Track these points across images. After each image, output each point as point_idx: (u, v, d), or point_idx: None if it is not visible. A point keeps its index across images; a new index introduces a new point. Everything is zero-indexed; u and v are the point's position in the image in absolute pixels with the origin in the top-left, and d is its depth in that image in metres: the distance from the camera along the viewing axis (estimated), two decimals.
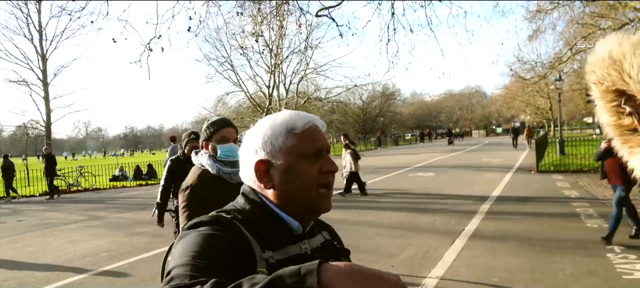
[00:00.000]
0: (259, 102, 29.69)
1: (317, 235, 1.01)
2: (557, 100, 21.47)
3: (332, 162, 0.95)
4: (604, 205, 8.10)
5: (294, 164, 0.92)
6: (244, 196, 0.97)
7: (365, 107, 55.45)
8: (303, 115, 0.96)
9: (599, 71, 0.84)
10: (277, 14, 10.87)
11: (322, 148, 0.95)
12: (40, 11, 26.64)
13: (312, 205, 0.94)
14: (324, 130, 1.00)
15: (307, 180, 0.92)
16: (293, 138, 0.92)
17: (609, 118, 0.86)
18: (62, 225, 9.50)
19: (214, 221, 0.86)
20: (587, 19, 17.19)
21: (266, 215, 0.93)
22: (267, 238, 0.89)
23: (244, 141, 0.99)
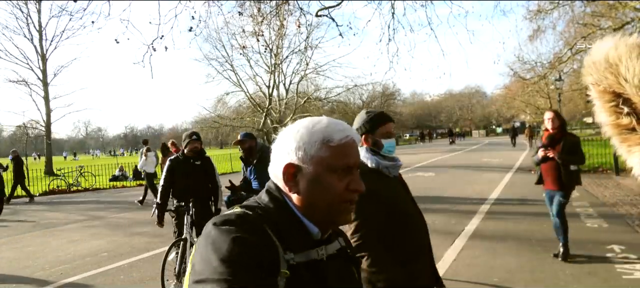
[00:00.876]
0: (259, 102, 29.67)
1: (334, 241, 1.01)
2: (557, 100, 21.49)
3: (360, 182, 0.95)
4: (604, 205, 8.11)
5: (322, 176, 0.92)
6: (269, 193, 0.97)
7: (366, 107, 55.41)
8: (341, 127, 0.96)
9: (596, 74, 0.84)
10: (278, 14, 10.87)
11: (353, 165, 0.95)
12: (40, 11, 26.68)
13: (332, 217, 0.95)
14: (359, 145, 1.00)
15: (332, 195, 0.92)
16: (327, 149, 0.92)
17: (607, 118, 0.87)
18: (62, 225, 9.50)
19: (241, 220, 0.85)
20: (588, 18, 17.19)
21: (288, 216, 0.94)
22: (288, 240, 0.89)
23: (279, 138, 0.99)
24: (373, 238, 1.87)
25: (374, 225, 1.89)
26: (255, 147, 5.05)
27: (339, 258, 0.99)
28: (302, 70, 30.83)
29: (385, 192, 1.99)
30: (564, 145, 4.87)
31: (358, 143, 0.97)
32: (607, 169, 13.13)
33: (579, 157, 4.98)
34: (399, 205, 2.04)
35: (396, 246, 1.92)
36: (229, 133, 30.24)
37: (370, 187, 1.98)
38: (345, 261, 1.02)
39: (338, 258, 0.98)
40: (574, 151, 4.90)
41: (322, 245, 0.94)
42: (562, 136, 4.94)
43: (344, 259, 1.02)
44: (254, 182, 5.08)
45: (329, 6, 9.83)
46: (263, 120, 27.00)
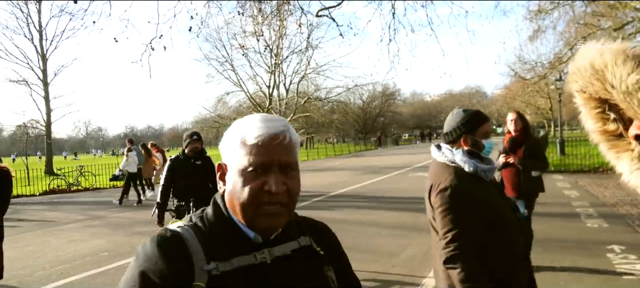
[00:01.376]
0: (259, 102, 29.68)
1: (291, 241, 0.96)
2: (557, 101, 21.48)
3: (278, 182, 0.87)
4: (604, 205, 8.11)
5: (238, 176, 0.89)
6: (213, 199, 0.97)
7: (366, 107, 55.47)
8: (261, 124, 0.90)
9: (582, 81, 0.83)
10: (278, 14, 10.88)
11: (268, 165, 0.88)
12: (40, 11, 26.68)
13: (251, 219, 0.90)
14: (292, 140, 0.92)
15: (246, 196, 0.88)
16: (243, 148, 0.89)
17: (593, 124, 0.86)
18: (62, 224, 9.51)
19: (160, 241, 0.87)
20: (588, 18, 17.19)
21: (223, 222, 0.92)
22: (217, 249, 0.88)
23: (222, 140, 0.99)
24: (469, 250, 1.74)
25: (472, 236, 1.76)
26: None
27: (296, 258, 0.95)
28: (302, 70, 30.85)
29: (484, 198, 1.86)
30: (526, 149, 4.56)
31: (284, 137, 0.90)
32: (607, 169, 13.12)
33: (541, 162, 4.66)
34: (498, 210, 1.90)
35: (494, 258, 1.79)
36: None
37: (470, 194, 1.85)
38: (307, 261, 0.97)
39: (294, 258, 0.94)
40: (536, 155, 4.60)
41: (263, 248, 0.91)
42: (524, 139, 4.63)
43: (306, 259, 0.97)
44: None
45: (329, 6, 9.83)
46: None
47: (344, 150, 42.05)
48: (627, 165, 0.86)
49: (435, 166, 2.08)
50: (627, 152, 0.85)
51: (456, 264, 1.73)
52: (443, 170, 1.99)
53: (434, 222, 1.98)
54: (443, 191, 1.89)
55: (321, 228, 1.10)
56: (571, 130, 56.51)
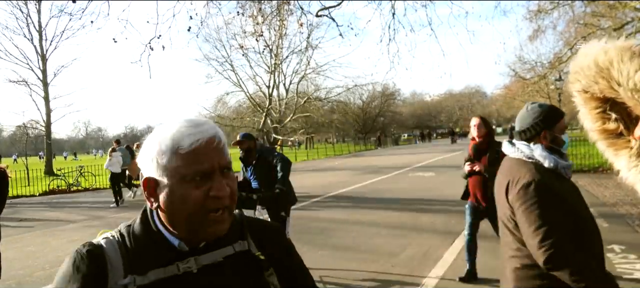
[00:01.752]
0: (259, 102, 29.69)
1: (224, 247, 0.92)
2: (557, 101, 21.48)
3: (222, 186, 0.85)
4: (604, 205, 8.10)
5: (177, 188, 0.84)
6: (142, 212, 0.93)
7: (365, 107, 55.47)
8: (194, 130, 0.85)
9: (585, 80, 0.82)
10: (278, 14, 10.88)
11: (210, 170, 0.85)
12: (40, 11, 26.69)
13: (197, 231, 0.87)
14: (223, 143, 0.89)
15: (190, 207, 0.84)
16: (177, 158, 0.84)
17: (593, 124, 0.86)
18: (62, 225, 9.50)
19: (74, 259, 0.85)
20: (588, 18, 17.20)
21: (148, 233, 0.89)
22: (138, 261, 0.85)
23: (141, 150, 0.91)
24: (568, 245, 1.61)
25: (564, 231, 1.64)
26: (254, 148, 5.05)
27: (229, 265, 0.91)
28: (302, 70, 30.86)
29: (566, 195, 1.77)
30: (490, 156, 4.35)
31: (219, 140, 0.88)
32: (607, 169, 13.13)
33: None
34: (579, 209, 1.80)
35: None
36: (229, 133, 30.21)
37: (553, 189, 1.73)
38: (243, 267, 0.93)
39: (226, 266, 0.90)
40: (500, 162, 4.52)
41: (188, 257, 0.87)
42: (488, 146, 4.41)
43: (241, 265, 0.93)
44: (253, 183, 5.08)
45: (329, 6, 9.84)
46: (263, 120, 27.02)
47: (344, 150, 42.06)
48: (626, 162, 0.86)
49: (510, 162, 1.97)
50: (626, 150, 0.84)
51: (560, 264, 1.60)
52: (520, 166, 1.87)
53: (507, 222, 1.88)
54: (526, 187, 1.75)
55: (265, 229, 1.04)
56: (571, 130, 56.50)
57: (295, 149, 44.20)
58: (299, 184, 10.39)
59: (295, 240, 5.12)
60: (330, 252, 5.86)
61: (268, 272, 0.95)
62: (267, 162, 4.93)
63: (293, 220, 5.30)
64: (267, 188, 4.85)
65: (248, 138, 5.11)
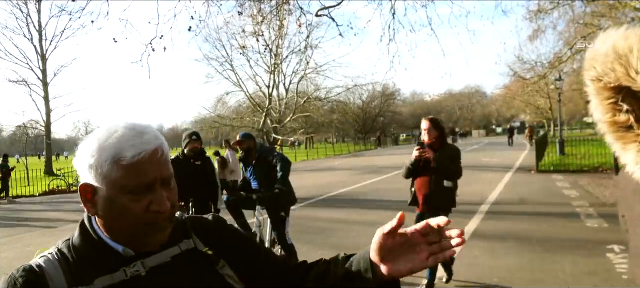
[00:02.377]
0: (259, 102, 29.69)
1: (170, 248, 0.90)
2: (557, 100, 21.49)
3: (163, 200, 0.83)
4: (604, 205, 8.10)
5: (116, 198, 0.81)
6: (80, 224, 0.90)
7: (365, 107, 55.48)
8: (137, 141, 0.81)
9: (601, 67, 0.80)
10: (278, 14, 10.88)
11: (152, 183, 0.82)
12: (40, 11, 26.69)
13: (139, 238, 0.85)
14: (168, 152, 0.87)
15: (130, 219, 0.82)
16: (118, 169, 0.80)
17: (603, 115, 0.84)
18: (62, 225, 9.51)
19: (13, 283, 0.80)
20: (588, 19, 17.21)
21: (89, 243, 0.86)
22: (83, 272, 0.83)
23: (78, 154, 0.86)
24: None
25: None
26: (254, 148, 5.06)
27: (178, 265, 0.89)
28: (302, 70, 30.86)
29: None
30: (441, 157, 4.12)
31: (162, 152, 0.85)
32: (607, 169, 13.13)
33: (455, 168, 4.14)
34: None
35: None
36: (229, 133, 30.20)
37: None
38: (193, 264, 0.91)
39: (175, 266, 0.89)
40: (452, 163, 4.15)
41: (134, 261, 0.85)
42: (440, 147, 4.17)
43: (191, 263, 0.91)
44: (253, 183, 5.08)
45: (329, 6, 9.84)
46: (263, 120, 27.01)
47: (344, 150, 42.06)
48: (634, 157, 0.84)
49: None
50: (635, 144, 0.83)
51: None
52: None
53: None
54: None
55: (207, 224, 1.02)
56: (571, 130, 56.50)
57: (295, 149, 44.21)
58: (299, 184, 10.38)
59: (295, 240, 5.12)
60: (330, 252, 5.84)
61: (220, 265, 0.93)
62: (267, 162, 4.93)
63: (293, 220, 5.29)
64: (267, 189, 4.86)
65: (248, 138, 5.11)
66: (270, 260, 1.03)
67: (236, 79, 29.03)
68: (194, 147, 4.95)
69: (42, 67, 27.17)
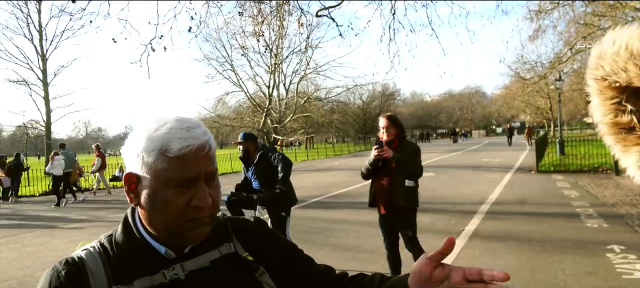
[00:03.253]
0: (259, 102, 29.70)
1: (210, 251, 0.90)
2: (557, 101, 21.48)
3: (205, 196, 0.82)
4: (604, 205, 8.10)
5: (159, 190, 0.81)
6: (124, 216, 0.90)
7: (365, 107, 55.50)
8: (185, 134, 0.81)
9: (610, 66, 0.78)
10: (278, 14, 10.87)
11: (196, 178, 0.82)
12: (40, 11, 26.68)
13: (178, 234, 0.84)
14: (214, 150, 0.87)
15: (169, 212, 0.81)
16: (164, 161, 0.80)
17: (605, 115, 0.83)
18: (63, 225, 9.51)
19: (52, 276, 0.82)
20: (588, 18, 17.21)
21: (131, 241, 0.86)
22: (122, 271, 0.82)
23: (127, 142, 0.86)
24: None
25: None
26: (255, 148, 5.06)
27: (217, 269, 0.88)
28: (302, 70, 30.88)
29: None
30: (401, 156, 3.94)
31: (209, 147, 0.84)
32: (607, 169, 13.13)
33: (415, 166, 3.97)
34: None
35: None
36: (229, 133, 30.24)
37: None
38: (231, 270, 0.90)
39: (214, 270, 0.88)
40: (412, 161, 3.99)
41: (173, 264, 0.84)
42: (399, 145, 4.01)
43: (229, 268, 0.90)
44: (254, 182, 5.09)
45: (329, 6, 9.83)
46: (263, 120, 27.03)
47: (344, 150, 42.05)
48: (635, 160, 0.82)
49: None
50: (636, 147, 0.81)
51: None
52: None
53: None
54: None
55: (248, 226, 1.01)
56: (571, 130, 56.49)
57: (295, 149, 44.19)
58: (299, 184, 10.38)
59: (295, 240, 5.12)
60: (330, 252, 5.86)
61: (259, 272, 0.93)
62: (268, 162, 4.93)
63: (293, 220, 5.30)
64: (268, 188, 4.86)
65: (249, 138, 5.11)
66: (310, 269, 1.02)
67: (236, 79, 29.07)
68: None
69: (42, 67, 27.17)
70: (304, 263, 1.02)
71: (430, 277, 0.82)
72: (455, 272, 0.80)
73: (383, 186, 4.00)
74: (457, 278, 0.80)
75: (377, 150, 3.85)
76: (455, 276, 0.80)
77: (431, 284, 0.82)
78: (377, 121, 4.28)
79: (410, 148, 4.09)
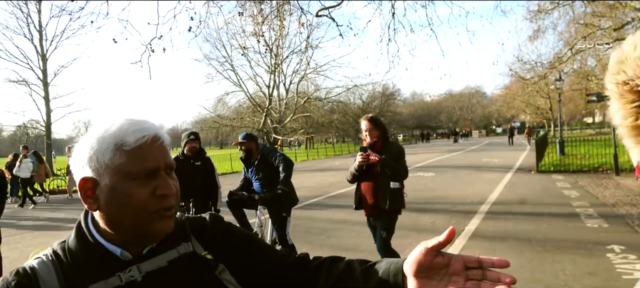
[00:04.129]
0: (259, 102, 29.70)
1: (168, 251, 0.88)
2: (557, 100, 21.48)
3: (168, 184, 0.83)
4: (604, 205, 8.11)
5: (120, 186, 0.80)
6: (76, 226, 0.88)
7: (365, 107, 55.45)
8: (138, 126, 0.82)
9: (632, 70, 0.79)
10: (278, 13, 10.88)
11: (156, 168, 0.82)
12: (40, 11, 26.67)
13: (145, 229, 0.82)
14: (168, 142, 0.86)
15: (136, 205, 0.80)
16: (121, 155, 0.80)
17: (625, 118, 0.83)
18: (63, 225, 9.51)
19: (6, 285, 0.80)
20: (588, 19, 17.20)
21: (85, 245, 0.84)
22: (80, 276, 0.81)
23: (74, 151, 0.85)
24: None
25: None
26: (256, 148, 5.06)
27: (175, 270, 0.87)
28: (302, 70, 30.89)
29: None
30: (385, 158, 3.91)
31: (163, 139, 0.85)
32: (607, 169, 13.13)
33: (400, 167, 3.94)
34: None
35: None
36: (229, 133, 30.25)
37: None
38: (191, 269, 0.89)
39: (172, 271, 0.86)
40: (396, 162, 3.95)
41: (129, 266, 0.83)
42: (382, 147, 3.97)
43: (189, 267, 0.89)
44: (255, 183, 5.09)
45: (329, 6, 9.84)
46: (263, 120, 27.03)
47: (344, 150, 42.04)
48: None
49: None
50: None
51: None
52: None
53: None
54: None
55: (205, 225, 0.98)
56: (571, 130, 56.48)
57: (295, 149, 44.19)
58: (299, 184, 10.39)
59: (295, 240, 5.13)
60: (330, 252, 5.82)
61: (218, 270, 0.91)
62: (268, 163, 4.93)
63: (293, 220, 5.30)
64: (269, 189, 4.86)
65: (250, 138, 5.11)
66: (267, 259, 0.98)
67: (236, 78, 29.08)
68: (192, 147, 4.96)
69: (42, 67, 27.17)
70: (262, 254, 0.98)
71: (431, 265, 0.80)
72: (455, 260, 0.79)
73: (368, 189, 4.00)
74: (457, 266, 0.79)
75: (363, 156, 3.85)
76: (455, 264, 0.79)
77: (431, 272, 0.81)
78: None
79: (394, 149, 4.05)
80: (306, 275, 0.96)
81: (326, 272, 0.94)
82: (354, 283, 0.90)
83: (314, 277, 0.95)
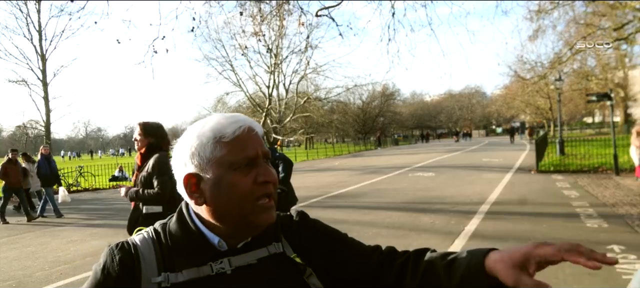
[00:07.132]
0: (258, 102, 29.70)
1: (259, 249, 0.90)
2: (557, 100, 21.48)
3: (269, 171, 0.86)
4: (604, 205, 8.10)
5: (224, 177, 0.83)
6: (178, 211, 0.92)
7: (365, 107, 55.53)
8: (234, 119, 0.86)
9: None
10: (278, 13, 10.88)
11: (255, 156, 0.85)
12: (40, 11, 26.72)
13: (248, 219, 0.85)
14: (261, 133, 0.90)
15: (240, 194, 0.83)
16: (222, 147, 0.83)
17: None
18: (62, 225, 9.50)
19: (106, 259, 0.85)
20: (588, 18, 17.21)
21: (185, 230, 0.88)
22: (173, 260, 0.85)
23: (174, 151, 0.89)
24: None
25: None
26: None
27: (263, 268, 0.89)
28: (302, 70, 30.88)
29: None
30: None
31: (256, 130, 0.88)
32: (607, 169, 13.13)
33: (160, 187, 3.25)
34: None
35: None
36: None
37: None
38: (278, 270, 0.90)
39: (260, 268, 0.88)
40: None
41: (222, 258, 0.86)
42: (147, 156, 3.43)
43: (277, 268, 0.90)
44: None
45: (329, 6, 9.85)
46: (263, 120, 27.01)
47: (344, 150, 42.04)
48: None
49: None
50: None
51: None
52: None
53: None
54: None
55: (295, 224, 1.00)
56: (571, 130, 56.49)
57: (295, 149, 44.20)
58: (299, 184, 10.39)
59: None
60: None
61: (306, 274, 0.92)
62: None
63: None
64: None
65: None
66: (350, 255, 0.98)
67: (236, 78, 29.04)
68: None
69: (42, 67, 27.19)
70: (346, 251, 0.98)
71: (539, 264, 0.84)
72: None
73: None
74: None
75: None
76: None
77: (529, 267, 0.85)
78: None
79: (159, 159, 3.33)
80: (393, 272, 0.96)
81: (412, 269, 0.95)
82: (437, 280, 0.90)
83: (401, 274, 0.96)
